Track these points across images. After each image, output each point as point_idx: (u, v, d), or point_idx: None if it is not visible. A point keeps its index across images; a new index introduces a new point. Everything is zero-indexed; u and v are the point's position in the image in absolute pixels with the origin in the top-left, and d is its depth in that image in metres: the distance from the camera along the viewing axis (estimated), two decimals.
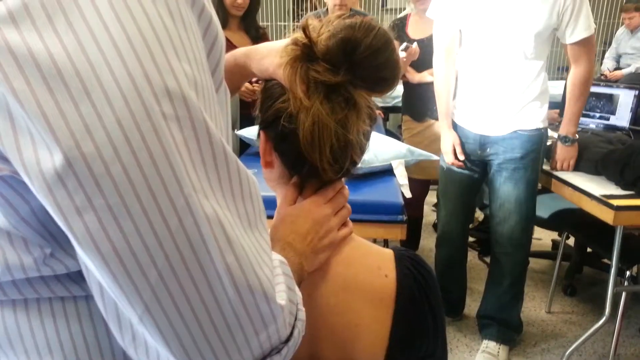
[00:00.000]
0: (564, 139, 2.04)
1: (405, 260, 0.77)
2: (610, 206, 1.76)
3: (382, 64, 0.64)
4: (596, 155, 2.01)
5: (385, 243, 3.02)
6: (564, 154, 2.06)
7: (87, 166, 0.35)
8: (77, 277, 0.44)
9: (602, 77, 4.75)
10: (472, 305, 2.52)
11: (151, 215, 0.37)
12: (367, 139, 0.69)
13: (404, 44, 2.38)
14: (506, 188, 2.03)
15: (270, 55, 0.71)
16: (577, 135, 2.05)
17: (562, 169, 2.09)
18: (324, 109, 0.62)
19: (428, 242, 3.12)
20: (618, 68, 4.99)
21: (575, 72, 1.97)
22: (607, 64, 5.14)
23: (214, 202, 0.40)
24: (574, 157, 2.07)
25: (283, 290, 0.47)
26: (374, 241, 2.90)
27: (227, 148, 0.42)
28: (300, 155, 0.65)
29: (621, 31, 5.10)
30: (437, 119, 2.53)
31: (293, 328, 0.49)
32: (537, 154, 1.99)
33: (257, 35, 2.55)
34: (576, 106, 2.00)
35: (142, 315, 0.39)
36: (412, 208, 2.70)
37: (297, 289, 0.52)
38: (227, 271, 0.40)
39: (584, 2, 1.85)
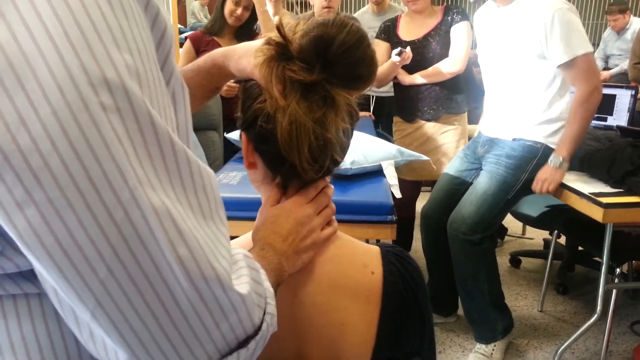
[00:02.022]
0: (553, 158, 1.95)
1: (391, 257, 0.77)
2: (600, 204, 1.77)
3: (356, 60, 0.63)
4: (581, 153, 2.03)
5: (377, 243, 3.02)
6: (546, 174, 1.95)
7: (25, 159, 0.35)
8: (30, 275, 0.43)
9: None
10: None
11: (94, 208, 0.36)
12: (348, 137, 0.69)
13: (399, 49, 2.38)
14: (480, 178, 2.09)
15: (248, 55, 0.70)
16: (568, 160, 1.93)
17: (539, 191, 1.97)
18: (300, 108, 0.61)
19: (420, 244, 3.12)
20: (607, 68, 5.03)
21: (574, 95, 1.93)
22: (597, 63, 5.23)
23: (163, 195, 0.40)
24: (557, 182, 1.93)
25: (246, 281, 0.47)
26: (367, 241, 2.91)
27: (175, 140, 0.41)
28: (280, 155, 0.64)
29: (607, 32, 5.14)
30: (427, 120, 2.56)
31: (261, 322, 0.48)
32: (523, 162, 1.99)
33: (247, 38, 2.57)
34: (571, 128, 1.92)
35: (94, 310, 0.39)
36: (404, 209, 2.70)
37: (266, 283, 0.52)
38: (180, 263, 0.40)
39: (560, 26, 1.84)
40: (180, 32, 4.72)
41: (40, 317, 0.45)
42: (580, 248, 2.76)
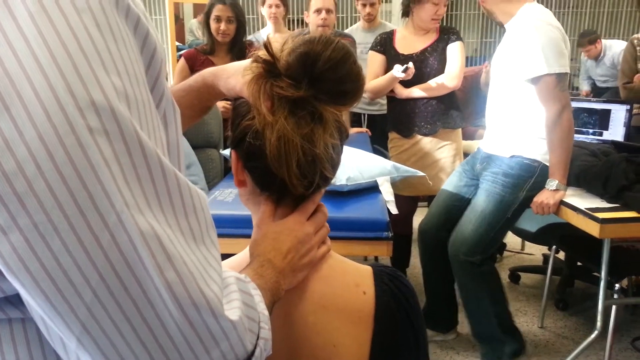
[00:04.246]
0: (549, 182, 1.93)
1: (384, 277, 0.76)
2: (596, 219, 1.77)
3: (343, 76, 0.64)
4: (577, 169, 2.02)
5: (376, 260, 3.01)
6: (542, 197, 1.93)
7: (9, 184, 0.34)
8: (15, 300, 0.43)
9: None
10: (464, 322, 2.50)
11: (80, 232, 0.36)
12: (337, 153, 0.69)
13: (404, 66, 2.39)
14: (478, 197, 2.07)
15: (237, 74, 0.71)
16: (564, 184, 1.91)
17: (537, 213, 1.98)
18: (288, 124, 0.62)
19: (419, 260, 3.10)
20: (595, 88, 4.97)
21: (545, 119, 1.90)
22: (583, 86, 5.13)
23: (151, 218, 0.39)
24: (555, 204, 1.91)
25: (237, 306, 0.46)
26: (365, 259, 2.89)
27: (164, 162, 0.41)
28: (269, 172, 0.64)
29: (585, 58, 5.06)
30: (424, 134, 2.57)
31: (255, 347, 0.47)
32: (521, 180, 1.97)
33: (241, 55, 2.58)
34: (555, 155, 1.89)
35: (80, 336, 0.38)
36: (401, 225, 2.70)
37: (260, 305, 0.51)
38: (168, 288, 0.39)
39: (533, 42, 1.84)
40: (179, 50, 4.76)
41: (24, 343, 0.44)
42: (579, 263, 2.75)
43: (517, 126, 2.01)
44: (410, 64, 2.41)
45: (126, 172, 0.38)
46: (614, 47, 4.69)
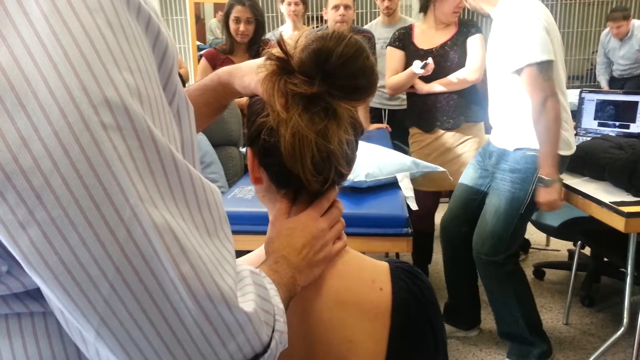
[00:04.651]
0: (539, 180, 1.90)
1: (400, 273, 0.76)
2: (621, 213, 1.73)
3: (355, 71, 0.64)
4: (602, 161, 1.98)
5: (397, 257, 2.99)
6: (542, 196, 1.90)
7: (27, 179, 0.35)
8: (36, 294, 0.44)
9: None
10: (487, 319, 2.48)
11: (96, 226, 0.37)
12: (352, 149, 0.69)
13: (423, 62, 2.38)
14: (490, 197, 2.05)
15: (251, 72, 0.72)
16: (555, 177, 1.88)
17: (549, 210, 1.96)
18: (302, 120, 0.62)
19: (441, 256, 3.08)
20: (613, 77, 4.79)
21: (531, 111, 1.86)
22: (601, 82, 4.95)
23: (165, 212, 0.40)
24: (556, 199, 1.88)
25: (252, 299, 0.46)
26: (386, 255, 2.88)
27: (177, 156, 0.42)
28: (284, 168, 0.65)
29: (607, 39, 4.82)
30: (446, 129, 2.55)
31: (270, 339, 0.48)
32: (528, 174, 1.93)
33: (259, 54, 2.60)
34: (542, 148, 1.86)
35: (98, 328, 0.39)
36: (423, 222, 2.68)
37: (275, 299, 0.51)
38: (183, 281, 0.40)
39: (516, 33, 1.81)
40: (200, 49, 4.81)
41: (45, 336, 0.45)
42: (605, 259, 2.69)
43: (516, 118, 1.96)
44: (430, 60, 2.39)
45: (140, 167, 0.39)
46: (637, 30, 4.53)
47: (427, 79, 2.50)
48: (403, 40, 2.60)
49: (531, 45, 1.79)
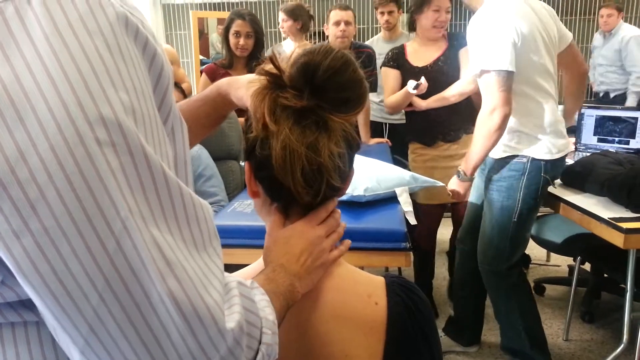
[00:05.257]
0: (457, 172, 1.98)
1: (396, 287, 0.76)
2: (620, 229, 1.73)
3: (343, 84, 0.66)
4: (601, 177, 1.99)
5: (399, 272, 2.99)
6: (452, 184, 2.00)
7: (22, 190, 0.37)
8: (29, 303, 0.45)
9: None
10: (487, 334, 2.47)
11: (87, 238, 0.38)
12: (345, 163, 0.69)
13: (415, 83, 2.40)
14: (485, 208, 2.06)
15: (247, 88, 0.73)
16: (470, 176, 1.95)
17: (453, 199, 2.04)
18: (292, 133, 0.63)
19: (442, 271, 3.08)
20: (597, 93, 4.62)
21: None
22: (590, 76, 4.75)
23: (152, 226, 0.41)
24: (461, 194, 1.99)
25: (237, 311, 0.47)
26: (386, 270, 2.87)
27: (168, 173, 0.43)
28: (276, 181, 0.66)
29: (596, 36, 4.67)
30: (449, 141, 2.56)
31: (256, 353, 0.48)
32: (513, 181, 1.93)
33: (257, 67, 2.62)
34: (475, 146, 1.88)
35: (87, 337, 0.40)
36: (426, 237, 2.67)
37: (264, 311, 0.52)
38: (170, 294, 0.41)
39: (481, 37, 1.81)
40: (203, 64, 4.85)
41: (38, 345, 0.46)
42: (605, 275, 2.68)
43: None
44: (423, 80, 2.41)
45: (131, 182, 0.40)
46: (626, 30, 4.39)
47: (424, 95, 2.52)
48: (397, 59, 2.62)
49: (492, 52, 1.77)
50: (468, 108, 2.52)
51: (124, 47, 0.42)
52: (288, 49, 3.04)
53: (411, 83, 2.42)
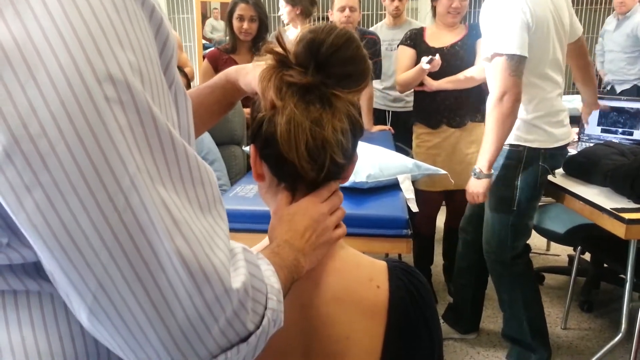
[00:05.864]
0: (473, 171, 1.89)
1: (398, 272, 0.77)
2: (622, 220, 1.73)
3: (346, 59, 0.67)
4: (604, 168, 1.98)
5: (399, 258, 2.99)
6: (470, 186, 1.90)
7: (34, 144, 0.38)
8: (32, 271, 0.45)
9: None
10: (486, 321, 2.48)
11: (96, 192, 0.39)
12: (348, 139, 0.69)
13: (429, 57, 2.41)
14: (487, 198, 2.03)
15: (255, 71, 0.73)
16: (491, 172, 1.86)
17: (471, 202, 1.95)
18: (297, 109, 0.64)
19: (441, 258, 3.09)
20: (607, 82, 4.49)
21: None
22: (597, 65, 4.62)
23: (159, 185, 0.41)
24: (480, 193, 1.88)
25: (242, 273, 0.47)
26: (386, 256, 2.88)
27: (174, 134, 0.43)
28: (281, 157, 0.66)
29: (608, 20, 4.52)
30: (454, 127, 2.55)
31: (262, 317, 0.49)
32: (509, 170, 1.91)
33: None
34: (487, 138, 1.81)
35: (96, 292, 0.41)
36: (426, 223, 2.68)
37: (270, 279, 0.52)
38: (177, 252, 0.41)
39: (492, 21, 1.78)
40: (206, 48, 4.83)
41: (40, 316, 0.47)
42: (605, 264, 2.69)
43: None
44: (437, 56, 2.41)
45: (138, 140, 0.41)
46: (637, 15, 4.25)
47: (436, 77, 2.51)
48: (414, 39, 2.62)
49: (504, 36, 1.73)
50: (477, 96, 2.51)
51: (132, 10, 0.43)
52: (291, 35, 3.02)
53: (425, 59, 2.42)
